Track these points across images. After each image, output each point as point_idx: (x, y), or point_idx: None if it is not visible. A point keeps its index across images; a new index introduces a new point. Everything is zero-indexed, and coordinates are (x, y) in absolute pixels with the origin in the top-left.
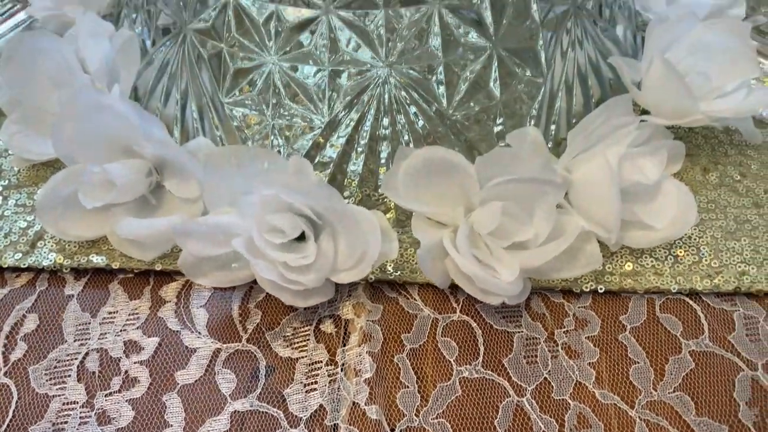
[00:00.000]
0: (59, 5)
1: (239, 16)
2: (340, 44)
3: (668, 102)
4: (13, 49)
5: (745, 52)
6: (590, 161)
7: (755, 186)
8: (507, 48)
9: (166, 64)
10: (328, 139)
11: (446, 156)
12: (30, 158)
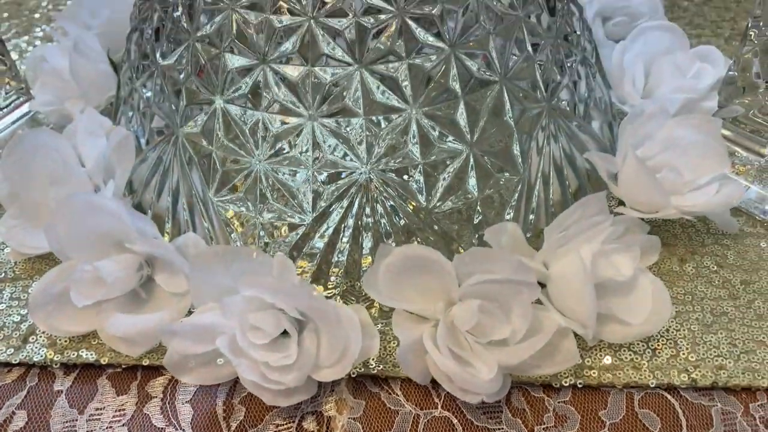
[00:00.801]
0: (61, 99)
1: (228, 123)
2: (323, 149)
3: (642, 196)
4: (14, 146)
5: (716, 148)
6: (566, 257)
7: (732, 277)
8: (483, 150)
9: (159, 162)
10: (315, 231)
11: (425, 254)
12: (26, 252)
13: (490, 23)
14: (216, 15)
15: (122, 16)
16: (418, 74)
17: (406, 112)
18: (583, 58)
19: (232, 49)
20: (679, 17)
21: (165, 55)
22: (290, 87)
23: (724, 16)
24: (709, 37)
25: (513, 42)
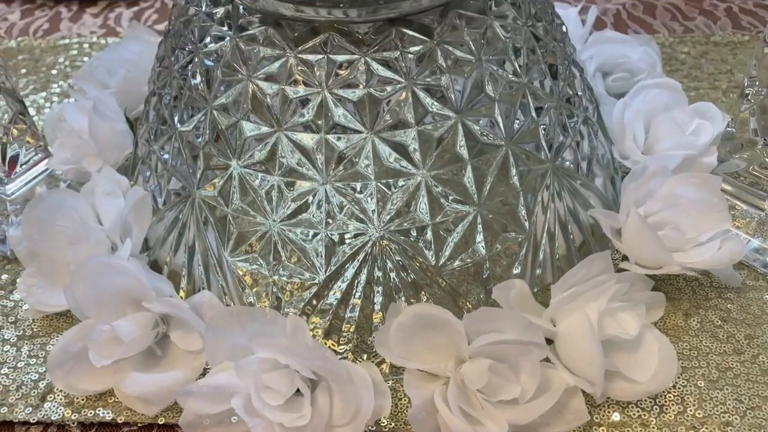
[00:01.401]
0: (78, 158)
1: (243, 186)
2: (336, 212)
3: (646, 252)
4: (34, 205)
5: (717, 205)
6: (573, 315)
7: (736, 331)
8: (490, 210)
9: (176, 222)
10: (327, 288)
11: (436, 313)
12: (45, 310)
13: (495, 91)
14: (233, 85)
15: (138, 74)
16: (426, 140)
17: (415, 176)
18: (585, 118)
19: (248, 117)
20: (677, 69)
21: (183, 120)
22: (304, 153)
23: (721, 68)
24: (707, 89)
25: (517, 107)
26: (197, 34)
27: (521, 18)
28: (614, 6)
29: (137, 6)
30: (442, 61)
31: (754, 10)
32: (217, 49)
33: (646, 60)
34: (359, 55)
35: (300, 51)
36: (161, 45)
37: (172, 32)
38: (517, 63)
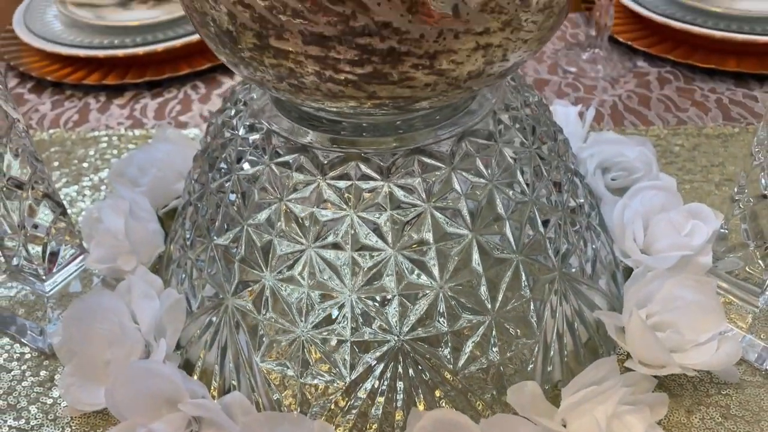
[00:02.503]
0: (113, 256)
1: (275, 297)
2: (360, 321)
3: (647, 353)
4: (76, 306)
5: (712, 307)
6: (583, 417)
7: (736, 428)
8: (503, 318)
9: (209, 325)
10: (352, 391)
11: (455, 418)
12: (83, 408)
13: (506, 209)
14: (268, 206)
15: (168, 173)
16: (444, 257)
17: (434, 289)
18: (588, 224)
19: (281, 235)
20: (671, 162)
21: (219, 233)
22: (332, 268)
23: (713, 161)
24: (700, 182)
25: (526, 221)
26: (234, 157)
27: (527, 141)
28: (611, 98)
29: (161, 97)
30: (457, 186)
31: (743, 101)
32: (253, 172)
33: (642, 159)
34: (383, 181)
35: (330, 177)
36: (197, 159)
37: (209, 151)
38: (524, 182)
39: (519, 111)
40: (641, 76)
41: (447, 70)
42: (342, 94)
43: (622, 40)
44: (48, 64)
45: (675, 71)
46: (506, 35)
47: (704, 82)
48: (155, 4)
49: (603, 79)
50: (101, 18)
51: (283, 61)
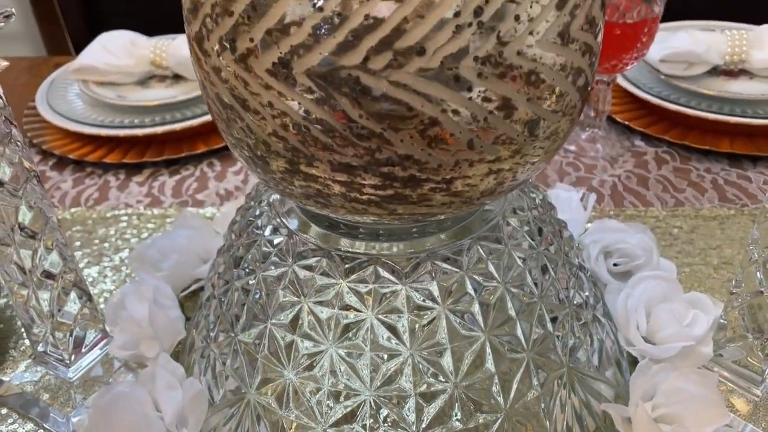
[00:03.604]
0: (136, 342)
1: (296, 394)
2: (380, 420)
3: None
4: (103, 395)
5: (715, 401)
6: None
7: None
8: (515, 414)
9: (231, 417)
10: None
11: None
12: None
13: (515, 310)
14: (291, 306)
15: (188, 259)
16: (459, 357)
17: (449, 388)
18: (593, 316)
19: (303, 335)
20: (671, 245)
21: (243, 329)
22: (352, 368)
23: (711, 244)
24: (699, 265)
25: (535, 320)
26: (259, 257)
27: (535, 242)
28: (610, 178)
29: (179, 174)
30: (470, 290)
31: (738, 182)
32: (278, 274)
33: (642, 246)
34: (401, 285)
35: (350, 281)
36: (221, 254)
37: (234, 249)
38: (533, 282)
39: (526, 213)
40: (639, 156)
41: (462, 191)
42: (365, 210)
43: (620, 120)
44: (70, 142)
45: (671, 151)
46: (516, 160)
47: (700, 162)
48: (173, 82)
49: (602, 158)
50: (122, 98)
51: (312, 183)
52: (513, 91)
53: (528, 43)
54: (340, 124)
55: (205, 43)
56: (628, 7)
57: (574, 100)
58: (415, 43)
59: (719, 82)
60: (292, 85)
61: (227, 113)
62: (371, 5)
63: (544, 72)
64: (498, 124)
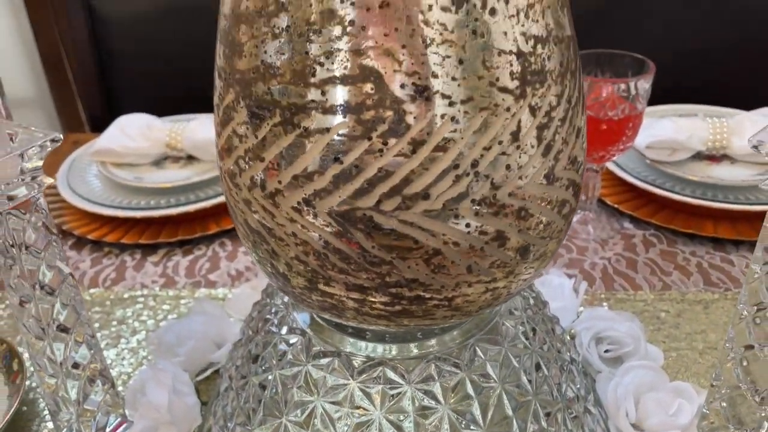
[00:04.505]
0: (155, 427)
1: None
2: None
3: None
4: None
5: None
6: None
7: None
8: None
9: None
10: None
11: None
12: None
13: (513, 408)
14: (305, 404)
15: (204, 344)
16: None
17: None
18: (585, 408)
19: (317, 431)
20: (658, 329)
21: (260, 424)
22: None
23: (696, 329)
24: (685, 350)
25: (530, 416)
26: (275, 355)
27: (528, 342)
28: (601, 261)
29: (192, 254)
30: (470, 391)
31: (721, 265)
32: (293, 373)
33: (631, 334)
34: (406, 386)
35: (360, 381)
36: (237, 348)
37: (252, 346)
38: (527, 381)
39: (521, 313)
40: (628, 239)
41: (462, 306)
42: (375, 322)
43: (609, 203)
44: (88, 222)
45: (658, 234)
46: (509, 279)
47: (685, 245)
48: (186, 163)
49: (594, 240)
50: (138, 179)
51: (328, 299)
52: (506, 224)
53: (518, 185)
54: (355, 253)
55: (237, 178)
56: (613, 105)
57: (560, 226)
58: (421, 189)
59: (702, 167)
60: (314, 221)
61: (254, 236)
62: (384, 160)
63: (532, 208)
64: (493, 251)
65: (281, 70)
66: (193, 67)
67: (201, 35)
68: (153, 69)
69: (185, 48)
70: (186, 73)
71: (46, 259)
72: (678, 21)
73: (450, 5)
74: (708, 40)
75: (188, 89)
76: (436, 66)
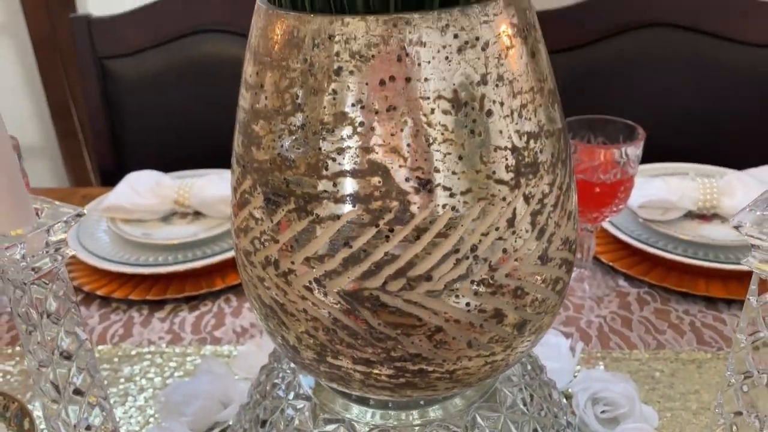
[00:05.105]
0: None
1: None
2: None
3: None
4: None
5: None
6: None
7: None
8: None
9: None
10: None
11: None
12: None
13: None
14: None
15: (212, 404)
16: None
17: None
18: None
19: None
20: (653, 388)
21: None
22: None
23: (689, 389)
24: (679, 410)
25: None
26: (282, 420)
27: (526, 408)
28: (597, 319)
29: (198, 310)
30: None
31: (714, 324)
32: None
33: (626, 395)
34: None
35: None
36: (245, 410)
37: (259, 410)
38: None
39: (518, 380)
40: (623, 296)
41: (463, 378)
42: (380, 392)
43: (604, 260)
44: (98, 278)
45: (652, 292)
46: (507, 353)
47: (678, 303)
48: (193, 219)
49: (590, 297)
50: (147, 235)
51: (336, 371)
52: (503, 303)
53: (514, 267)
54: (362, 329)
55: (251, 257)
56: (605, 170)
57: (555, 301)
58: (424, 272)
59: (694, 226)
60: (324, 299)
61: (266, 310)
62: (390, 245)
63: (528, 287)
64: (491, 328)
65: (296, 162)
66: (201, 125)
67: (209, 94)
68: (163, 125)
69: (194, 106)
70: (194, 129)
71: (64, 326)
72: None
73: (450, 108)
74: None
75: (196, 145)
76: (438, 162)
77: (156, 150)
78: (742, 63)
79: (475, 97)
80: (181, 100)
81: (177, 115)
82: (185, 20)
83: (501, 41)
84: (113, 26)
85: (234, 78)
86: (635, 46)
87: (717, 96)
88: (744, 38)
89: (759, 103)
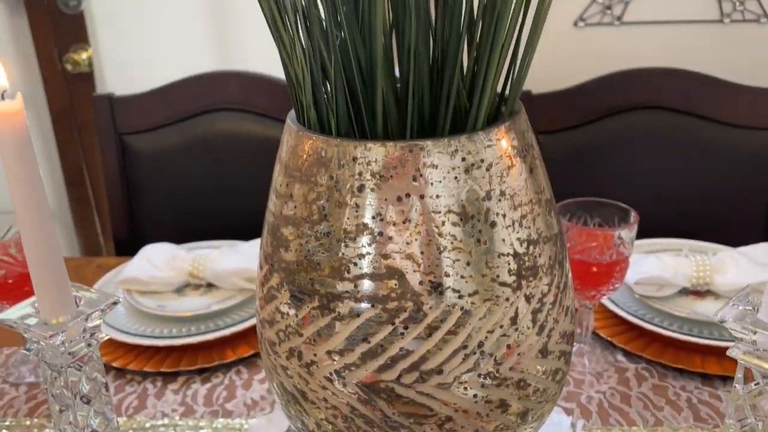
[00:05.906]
0: None
1: None
2: None
3: None
4: None
5: None
6: None
7: None
8: None
9: None
10: None
11: None
12: None
13: None
14: None
15: None
16: None
17: None
18: None
19: None
20: None
21: None
22: None
23: None
24: None
25: None
26: None
27: None
28: (597, 395)
29: (210, 382)
30: None
31: (710, 401)
32: None
33: None
34: None
35: None
36: None
37: None
38: None
39: None
40: (622, 372)
41: None
42: None
43: (603, 335)
44: (113, 350)
45: (650, 368)
46: None
47: (675, 379)
48: (206, 291)
49: (589, 372)
50: (161, 307)
51: None
52: (507, 394)
53: (517, 361)
54: (378, 418)
55: (276, 347)
56: (601, 251)
57: (555, 390)
58: (435, 366)
59: (689, 302)
60: (343, 389)
61: (288, 396)
62: (404, 341)
63: (530, 378)
64: (497, 417)
65: (321, 265)
66: (214, 198)
67: (222, 168)
68: (177, 198)
69: (207, 179)
70: (207, 203)
71: (95, 406)
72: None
73: (459, 221)
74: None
75: (209, 218)
76: (448, 267)
77: (169, 221)
78: (729, 143)
79: (480, 211)
80: (195, 174)
81: (190, 188)
82: (201, 99)
83: (503, 162)
84: (134, 104)
85: (245, 154)
86: (625, 127)
87: (706, 175)
88: (732, 120)
89: (745, 182)
